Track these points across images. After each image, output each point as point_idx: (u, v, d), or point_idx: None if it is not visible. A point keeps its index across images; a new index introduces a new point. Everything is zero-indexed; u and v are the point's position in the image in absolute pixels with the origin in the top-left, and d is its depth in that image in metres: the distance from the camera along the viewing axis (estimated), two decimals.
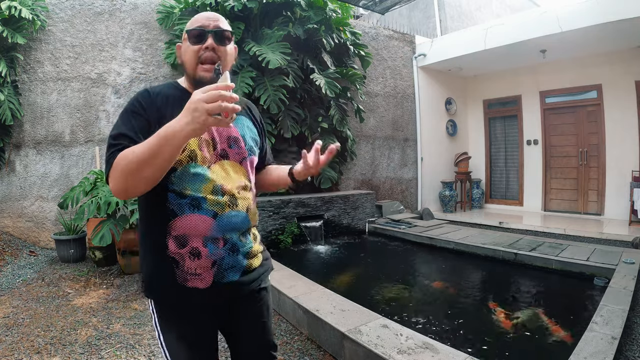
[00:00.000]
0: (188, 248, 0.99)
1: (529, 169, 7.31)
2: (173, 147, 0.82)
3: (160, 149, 0.82)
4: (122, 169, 0.85)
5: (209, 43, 1.02)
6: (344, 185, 6.40)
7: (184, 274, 1.00)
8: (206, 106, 0.76)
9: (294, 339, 2.44)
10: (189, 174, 0.99)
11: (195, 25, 1.03)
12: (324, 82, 5.11)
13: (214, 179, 1.01)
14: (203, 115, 0.77)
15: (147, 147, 0.83)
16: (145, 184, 0.88)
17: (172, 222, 0.99)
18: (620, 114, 6.10)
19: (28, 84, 4.46)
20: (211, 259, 1.01)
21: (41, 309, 2.84)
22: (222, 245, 1.02)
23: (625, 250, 3.87)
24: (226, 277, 1.03)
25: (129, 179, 0.86)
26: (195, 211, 0.99)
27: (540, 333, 2.47)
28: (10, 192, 4.46)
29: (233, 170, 1.07)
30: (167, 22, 4.94)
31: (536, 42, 5.62)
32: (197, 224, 0.99)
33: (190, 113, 0.78)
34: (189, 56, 1.03)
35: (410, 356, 1.84)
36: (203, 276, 1.01)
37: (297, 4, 5.16)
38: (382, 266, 4.27)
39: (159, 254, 1.01)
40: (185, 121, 0.79)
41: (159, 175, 0.88)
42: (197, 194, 0.99)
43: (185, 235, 0.99)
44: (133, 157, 0.84)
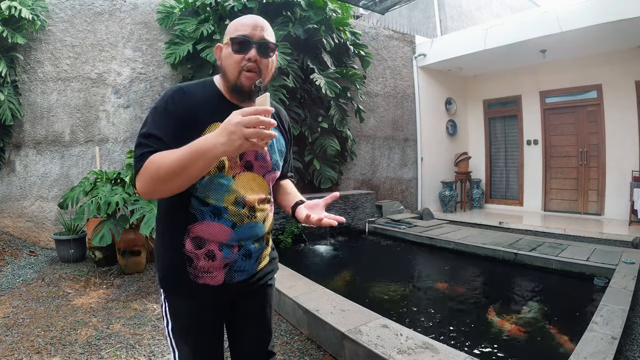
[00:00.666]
0: (204, 250, 1.02)
1: (529, 169, 7.31)
2: (205, 163, 0.83)
3: (191, 163, 0.83)
4: (151, 174, 0.87)
5: (252, 55, 0.99)
6: (344, 185, 6.40)
7: (196, 272, 1.04)
8: (245, 131, 0.76)
9: (294, 339, 2.44)
10: (214, 183, 1.00)
11: (240, 34, 0.99)
12: (324, 82, 5.11)
13: (237, 190, 1.03)
14: (240, 139, 0.77)
15: (178, 159, 0.83)
16: (171, 192, 0.91)
17: (192, 226, 1.02)
18: (620, 114, 6.10)
19: (28, 84, 4.46)
20: (225, 261, 1.04)
21: (41, 309, 2.84)
22: (236, 250, 1.06)
23: (625, 250, 3.87)
24: (235, 277, 1.08)
25: (157, 184, 0.87)
26: (216, 220, 1.02)
27: (540, 333, 2.47)
28: (10, 192, 4.46)
29: (255, 182, 1.07)
30: (167, 22, 4.93)
31: (536, 42, 5.62)
32: (216, 231, 1.02)
33: (228, 135, 0.78)
34: (231, 64, 1.00)
35: (410, 356, 1.84)
36: (214, 274, 1.04)
37: (297, 4, 5.16)
38: (382, 266, 4.27)
39: (175, 250, 1.04)
40: (220, 141, 0.79)
41: (185, 186, 0.90)
42: (219, 204, 1.01)
43: (203, 238, 1.02)
44: (162, 165, 0.85)
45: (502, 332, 2.52)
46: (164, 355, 2.20)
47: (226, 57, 1.02)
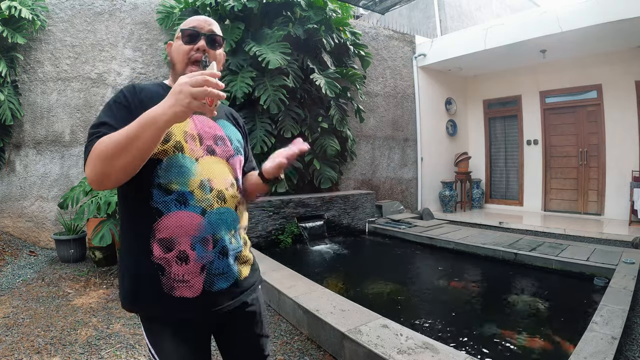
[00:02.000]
0: (175, 252, 0.92)
1: (529, 169, 7.31)
2: (154, 130, 0.78)
3: (140, 133, 0.78)
4: (99, 154, 0.80)
5: (200, 44, 1.03)
6: (344, 185, 6.40)
7: (170, 282, 0.93)
8: (192, 90, 0.75)
9: (294, 339, 2.44)
10: (176, 166, 0.94)
11: (190, 26, 1.04)
12: (324, 82, 5.11)
13: (201, 173, 0.97)
14: (187, 97, 0.75)
15: (125, 132, 0.79)
16: (122, 173, 0.82)
17: (157, 223, 0.93)
18: (620, 114, 6.10)
19: (28, 84, 4.46)
20: (200, 262, 0.94)
21: (41, 309, 2.84)
22: (211, 247, 0.96)
23: (625, 250, 3.87)
24: (215, 284, 0.97)
25: (104, 164, 0.80)
26: (182, 208, 0.93)
27: (540, 333, 2.47)
28: (10, 192, 4.46)
29: (220, 166, 1.03)
30: (167, 22, 4.94)
31: (536, 42, 5.62)
32: (185, 221, 0.93)
33: (175, 95, 0.76)
34: (180, 54, 1.04)
35: (410, 356, 1.84)
36: (191, 283, 0.94)
37: (297, 4, 5.16)
38: (382, 266, 4.27)
39: (142, 261, 0.94)
40: (168, 104, 0.77)
41: (136, 164, 0.82)
42: (184, 189, 0.94)
43: (171, 237, 0.93)
44: (109, 142, 0.79)
45: (502, 332, 2.52)
46: None
47: (176, 48, 1.05)
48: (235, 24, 4.78)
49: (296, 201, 5.05)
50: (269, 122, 4.97)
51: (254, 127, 4.91)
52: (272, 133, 4.97)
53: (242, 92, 4.58)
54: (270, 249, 4.55)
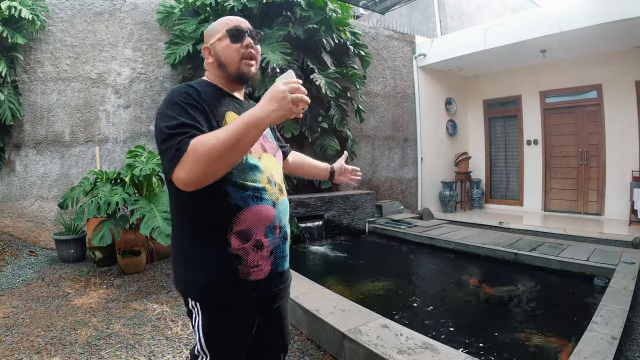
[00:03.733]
0: (252, 241, 1.02)
1: (529, 169, 7.31)
2: (258, 131, 0.88)
3: (246, 133, 0.86)
4: (203, 155, 0.84)
5: (248, 42, 1.09)
6: (344, 185, 6.40)
7: (246, 269, 1.02)
8: (292, 96, 0.85)
9: (294, 339, 2.44)
10: (248, 165, 1.02)
11: (232, 26, 1.10)
12: (324, 82, 5.11)
13: (265, 169, 1.07)
14: (289, 104, 0.85)
15: (232, 132, 0.86)
16: (224, 170, 0.91)
17: (236, 217, 1.00)
18: (620, 114, 6.10)
19: (28, 84, 4.46)
20: (270, 248, 1.07)
21: (41, 309, 2.84)
22: (278, 233, 1.09)
23: (625, 250, 3.87)
24: (280, 265, 1.11)
25: (211, 164, 0.86)
26: (259, 202, 1.03)
27: (540, 333, 2.47)
28: (10, 192, 4.46)
29: (273, 161, 1.14)
30: (167, 22, 4.93)
31: (536, 42, 5.62)
32: (263, 214, 1.04)
33: (279, 101, 0.86)
34: (231, 53, 1.08)
35: (410, 356, 1.84)
36: (262, 266, 1.05)
37: (297, 4, 5.16)
38: (382, 266, 4.27)
39: (220, 252, 1.00)
40: (272, 108, 0.86)
41: (236, 162, 0.92)
42: (258, 185, 1.04)
43: (249, 228, 1.01)
44: (217, 142, 0.85)
45: (502, 331, 2.52)
46: (164, 355, 2.20)
47: (224, 49, 1.09)
48: None
49: (296, 201, 5.05)
50: None
51: None
52: None
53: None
54: None
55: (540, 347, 2.29)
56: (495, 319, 2.80)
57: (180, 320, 2.69)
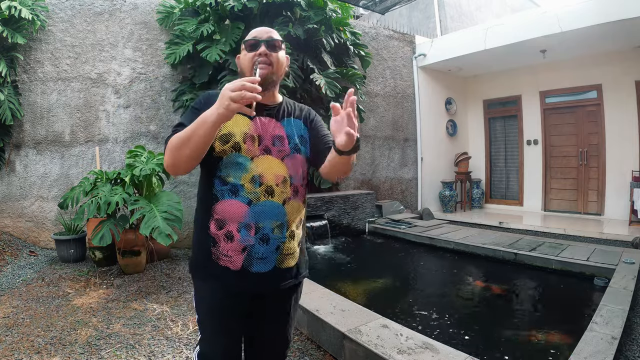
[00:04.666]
0: (224, 230, 1.14)
1: (529, 169, 7.31)
2: (204, 129, 0.97)
3: (194, 131, 0.99)
4: (170, 146, 1.05)
5: (261, 50, 1.18)
6: (344, 185, 6.40)
7: (218, 253, 1.15)
8: (230, 94, 0.92)
9: (294, 339, 2.44)
10: (233, 162, 1.14)
11: (251, 37, 1.21)
12: (324, 82, 5.11)
13: (254, 169, 1.15)
14: (227, 101, 0.92)
15: (187, 129, 1.02)
16: (185, 161, 1.05)
17: (215, 206, 1.15)
18: (620, 114, 6.10)
19: (28, 84, 4.46)
20: (242, 244, 1.13)
21: (41, 309, 2.84)
22: (253, 233, 1.14)
23: (625, 250, 3.87)
24: (254, 266, 1.15)
25: (173, 155, 1.05)
26: (233, 197, 1.14)
27: (540, 333, 2.47)
28: (10, 192, 4.46)
29: (274, 164, 1.18)
30: (167, 22, 4.93)
31: (536, 42, 5.62)
32: (234, 209, 1.13)
33: (219, 100, 0.95)
34: (246, 62, 1.20)
35: (410, 356, 1.84)
36: (234, 259, 1.14)
37: (297, 4, 5.16)
38: (382, 266, 4.27)
39: (204, 232, 1.18)
40: (215, 107, 0.96)
41: (197, 154, 1.04)
42: (236, 182, 1.13)
43: (223, 219, 1.14)
44: (176, 138, 1.04)
45: (502, 331, 2.52)
46: (164, 355, 2.20)
47: (242, 59, 1.23)
48: (235, 24, 4.78)
49: None
50: None
51: None
52: None
53: None
54: None
55: (540, 347, 2.29)
56: (495, 319, 2.80)
57: (180, 320, 2.69)
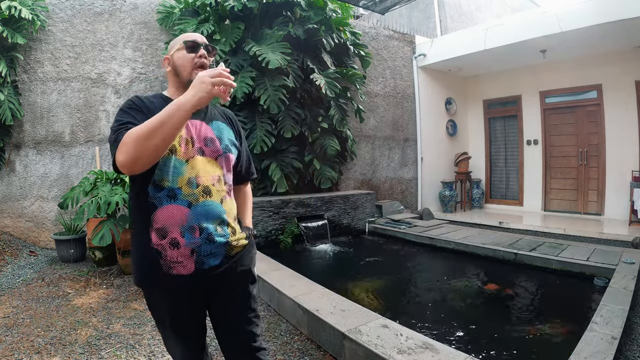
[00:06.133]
0: (168, 239, 1.12)
1: (529, 169, 7.31)
2: (181, 114, 0.97)
3: (169, 117, 0.97)
4: (132, 140, 0.97)
5: (202, 52, 1.23)
6: (344, 185, 6.40)
7: (167, 263, 1.13)
8: (211, 79, 0.98)
9: (294, 339, 2.44)
10: (168, 165, 1.13)
11: (190, 39, 1.24)
12: (324, 82, 5.11)
13: (189, 171, 1.15)
14: (209, 86, 0.97)
15: (156, 118, 0.98)
16: (153, 154, 1.00)
17: (153, 215, 1.13)
18: (620, 114, 6.09)
19: (28, 84, 4.46)
20: (189, 247, 1.13)
21: (41, 309, 2.84)
22: (198, 234, 1.14)
23: (625, 250, 3.87)
24: (206, 262, 1.16)
25: (138, 147, 0.97)
26: (172, 202, 1.13)
27: (540, 333, 2.47)
28: (10, 192, 4.46)
29: (208, 164, 1.20)
30: (167, 22, 4.94)
31: (536, 42, 5.62)
32: (174, 213, 1.12)
33: (197, 86, 0.98)
34: (185, 62, 1.22)
35: (410, 356, 1.84)
36: (185, 264, 1.13)
37: (297, 4, 5.16)
38: (382, 266, 4.27)
39: (145, 246, 1.14)
40: (192, 93, 0.98)
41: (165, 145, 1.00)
42: (173, 185, 1.13)
43: (164, 226, 1.12)
44: (143, 128, 0.98)
45: (501, 331, 2.52)
46: (164, 355, 2.20)
47: (179, 59, 1.23)
48: (235, 24, 4.78)
49: (296, 201, 5.05)
50: (269, 122, 4.97)
51: (254, 127, 4.91)
52: (272, 133, 4.97)
53: (242, 92, 4.58)
54: (270, 249, 4.55)
55: (540, 347, 2.29)
56: (495, 319, 2.80)
57: None
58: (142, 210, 1.15)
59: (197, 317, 1.27)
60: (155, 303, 1.23)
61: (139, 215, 1.18)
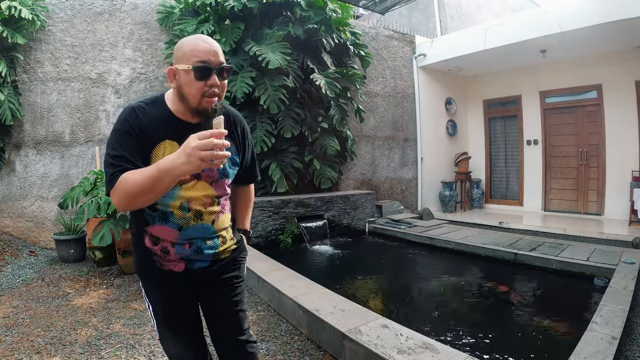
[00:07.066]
0: (159, 246, 1.19)
1: (529, 169, 7.31)
2: (170, 179, 0.96)
3: (159, 180, 0.96)
4: (125, 191, 0.99)
5: (214, 81, 1.06)
6: (344, 185, 6.40)
7: (160, 261, 1.21)
8: (200, 154, 0.89)
9: (294, 339, 2.44)
10: None
11: (199, 59, 1.04)
12: (324, 82, 5.11)
13: (183, 196, 1.15)
14: (197, 161, 0.90)
15: (147, 177, 0.96)
16: (143, 204, 1.04)
17: (147, 227, 1.19)
18: (620, 114, 6.09)
19: (28, 84, 4.46)
20: (178, 256, 1.20)
21: (41, 309, 2.84)
22: (187, 247, 1.20)
23: (625, 250, 3.87)
24: (195, 264, 1.22)
25: (129, 200, 1.00)
26: (164, 223, 1.17)
27: (540, 333, 2.47)
28: (10, 192, 4.46)
29: (202, 189, 1.19)
30: (167, 22, 4.93)
31: (536, 42, 5.62)
32: (165, 233, 1.18)
33: (187, 157, 0.91)
34: (193, 90, 1.06)
35: (410, 356, 1.84)
36: (175, 264, 1.21)
37: (297, 4, 5.16)
38: (382, 266, 4.27)
39: (141, 244, 1.22)
40: (181, 162, 0.92)
41: (155, 199, 1.03)
42: (165, 209, 1.16)
43: (157, 237, 1.19)
44: (134, 184, 0.97)
45: (502, 331, 2.52)
46: (164, 355, 2.19)
47: (187, 83, 1.06)
48: (235, 24, 4.78)
49: (296, 201, 5.05)
50: (269, 122, 4.97)
51: (254, 127, 4.91)
52: (272, 133, 4.97)
53: (242, 92, 4.58)
54: (270, 249, 4.55)
55: (540, 347, 2.29)
56: (495, 319, 2.80)
57: None
58: (138, 219, 1.21)
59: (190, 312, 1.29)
60: (150, 292, 1.27)
61: (135, 220, 1.24)
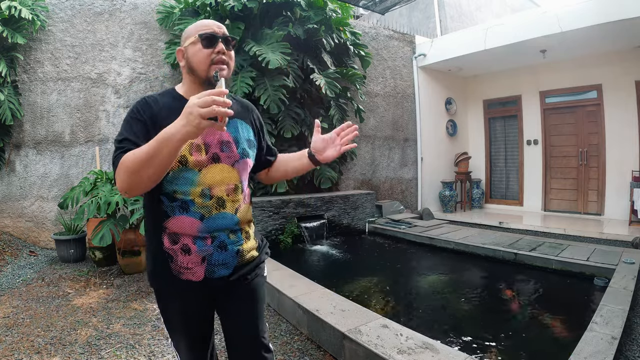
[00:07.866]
0: (180, 244, 1.10)
1: (529, 169, 7.31)
2: (170, 148, 0.88)
3: (158, 150, 0.88)
4: (125, 168, 0.93)
5: (220, 48, 1.10)
6: (344, 185, 6.40)
7: (178, 268, 1.11)
8: (200, 110, 0.83)
9: (294, 339, 2.44)
10: (179, 177, 1.08)
11: (207, 31, 1.10)
12: (324, 82, 5.11)
13: (203, 182, 1.09)
14: (197, 118, 0.83)
15: (146, 149, 0.90)
16: (146, 183, 0.95)
17: (166, 222, 1.10)
18: (620, 114, 6.09)
19: (28, 84, 4.46)
20: (200, 255, 1.10)
21: (41, 309, 2.84)
22: (210, 242, 1.11)
23: (625, 250, 3.87)
24: (216, 272, 1.13)
25: (131, 177, 0.93)
26: (184, 213, 1.09)
27: (540, 333, 2.47)
28: (10, 192, 4.46)
29: (225, 173, 1.13)
30: (167, 22, 4.93)
31: (536, 42, 5.62)
32: (186, 224, 1.09)
33: (186, 117, 0.85)
34: (201, 58, 1.09)
35: (410, 356, 1.84)
36: (194, 270, 1.11)
37: (297, 4, 5.16)
38: (382, 266, 4.27)
39: (157, 248, 1.13)
40: (181, 124, 0.86)
41: (158, 175, 0.94)
42: (186, 197, 1.08)
43: (177, 233, 1.10)
44: (134, 158, 0.91)
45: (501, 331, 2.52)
46: (164, 355, 2.20)
47: (195, 53, 1.10)
48: (235, 24, 4.78)
49: (296, 201, 5.05)
50: (269, 122, 4.97)
51: None
52: (272, 133, 4.97)
53: (242, 92, 4.58)
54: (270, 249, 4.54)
55: (540, 347, 2.29)
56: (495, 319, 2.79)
57: None
58: (155, 215, 1.12)
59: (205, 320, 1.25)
60: (165, 304, 1.20)
61: (152, 218, 1.15)
